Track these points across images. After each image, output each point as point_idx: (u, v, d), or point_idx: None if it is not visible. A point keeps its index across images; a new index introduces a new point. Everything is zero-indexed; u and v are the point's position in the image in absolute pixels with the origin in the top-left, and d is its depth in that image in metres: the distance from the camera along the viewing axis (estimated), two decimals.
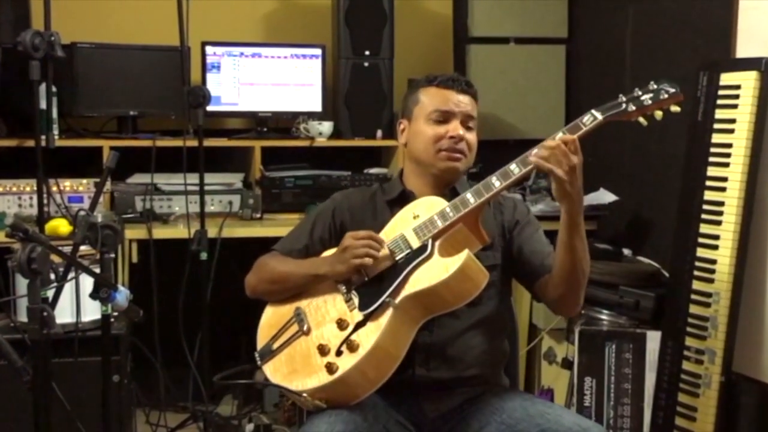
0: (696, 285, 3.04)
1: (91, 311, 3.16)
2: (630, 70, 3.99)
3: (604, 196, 4.00)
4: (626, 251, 3.76)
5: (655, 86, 2.20)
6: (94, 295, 2.47)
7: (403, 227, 2.35)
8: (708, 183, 3.03)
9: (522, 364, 3.80)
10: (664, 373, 3.13)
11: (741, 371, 2.98)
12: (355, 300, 2.31)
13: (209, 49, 4.27)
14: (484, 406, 2.36)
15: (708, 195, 3.03)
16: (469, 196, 2.28)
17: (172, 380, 3.87)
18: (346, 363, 2.21)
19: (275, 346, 2.39)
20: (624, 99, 2.21)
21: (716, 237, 2.98)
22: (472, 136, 2.46)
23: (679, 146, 3.24)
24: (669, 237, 3.27)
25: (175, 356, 3.81)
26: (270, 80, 4.36)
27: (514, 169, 2.25)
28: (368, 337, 2.22)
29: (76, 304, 3.11)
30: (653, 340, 3.22)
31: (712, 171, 3.03)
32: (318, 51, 4.40)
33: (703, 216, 3.03)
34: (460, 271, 2.19)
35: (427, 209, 2.34)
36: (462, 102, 2.45)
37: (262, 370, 2.40)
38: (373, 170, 4.31)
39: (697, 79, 3.09)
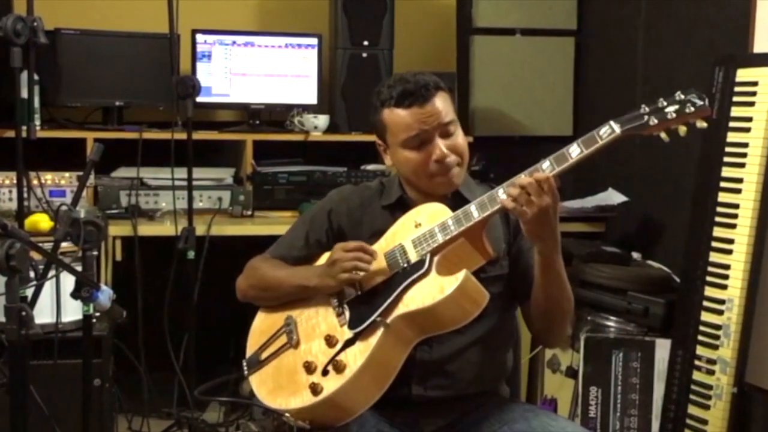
0: (708, 291, 3.04)
1: (72, 311, 3.16)
2: (642, 64, 3.99)
3: (612, 197, 4.00)
4: (635, 255, 3.76)
5: (682, 96, 2.04)
6: (75, 295, 2.47)
7: (403, 236, 2.30)
8: (722, 184, 3.03)
9: (524, 373, 3.80)
10: (673, 384, 3.14)
11: (754, 382, 2.98)
12: (346, 315, 2.28)
13: (200, 37, 4.27)
14: (483, 419, 2.35)
15: (722, 197, 3.03)
16: (473, 209, 2.19)
17: (156, 385, 3.86)
18: (331, 385, 2.19)
19: (263, 356, 2.38)
20: (646, 110, 2.05)
21: (730, 241, 2.99)
22: (457, 141, 2.34)
23: (692, 145, 3.24)
24: (681, 240, 3.27)
25: (159, 360, 3.81)
26: (263, 71, 4.35)
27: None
28: (356, 357, 2.19)
29: (57, 304, 3.10)
30: (662, 348, 3.23)
31: (726, 171, 3.03)
32: (314, 40, 4.40)
33: (717, 219, 3.04)
34: (456, 293, 2.13)
35: (429, 218, 2.27)
36: (430, 114, 2.29)
37: (248, 381, 2.40)
38: (371, 166, 4.31)
39: (712, 74, 3.09)
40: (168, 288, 3.77)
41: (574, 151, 2.09)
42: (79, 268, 2.50)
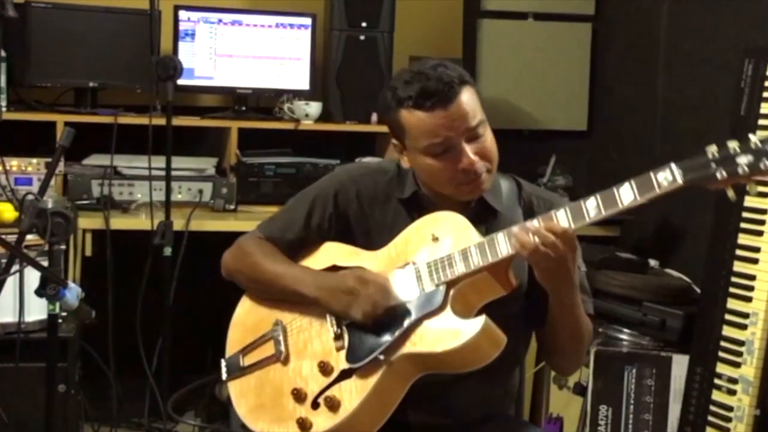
0: (731, 304, 3.04)
1: (37, 310, 3.16)
2: (664, 55, 3.99)
3: None
4: (653, 262, 3.77)
5: (758, 145, 1.88)
6: (40, 292, 2.47)
7: (416, 249, 2.20)
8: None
9: (528, 388, 3.80)
10: (690, 404, 3.14)
11: None
12: (345, 339, 2.20)
13: (183, 14, 4.26)
14: None
15: (749, 201, 3.03)
16: (503, 242, 2.07)
17: (126, 392, 3.86)
18: (321, 423, 2.15)
19: (245, 362, 2.33)
20: (715, 157, 1.90)
21: (756, 249, 2.99)
22: (486, 144, 2.21)
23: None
24: (702, 247, 3.27)
25: (130, 365, 3.81)
26: (251, 52, 4.35)
27: (561, 216, 2.05)
28: (352, 396, 2.14)
29: (20, 302, 3.10)
30: (679, 365, 3.23)
31: None
32: (307, 20, 4.39)
33: (742, 225, 3.04)
34: (472, 340, 2.05)
35: (450, 235, 2.16)
36: (456, 117, 2.15)
37: (226, 385, 2.37)
38: (367, 159, 4.30)
39: (741, 67, 3.09)
40: (142, 287, 3.77)
41: (626, 198, 2.01)
42: (45, 263, 2.50)
